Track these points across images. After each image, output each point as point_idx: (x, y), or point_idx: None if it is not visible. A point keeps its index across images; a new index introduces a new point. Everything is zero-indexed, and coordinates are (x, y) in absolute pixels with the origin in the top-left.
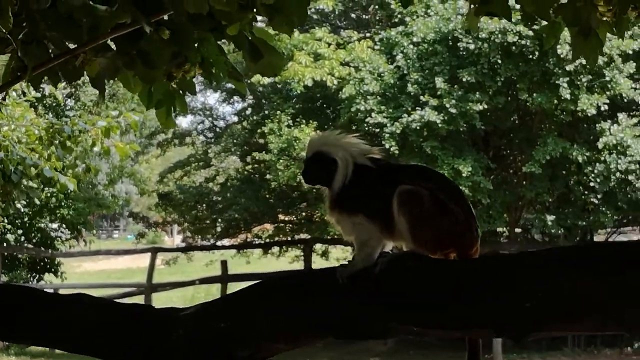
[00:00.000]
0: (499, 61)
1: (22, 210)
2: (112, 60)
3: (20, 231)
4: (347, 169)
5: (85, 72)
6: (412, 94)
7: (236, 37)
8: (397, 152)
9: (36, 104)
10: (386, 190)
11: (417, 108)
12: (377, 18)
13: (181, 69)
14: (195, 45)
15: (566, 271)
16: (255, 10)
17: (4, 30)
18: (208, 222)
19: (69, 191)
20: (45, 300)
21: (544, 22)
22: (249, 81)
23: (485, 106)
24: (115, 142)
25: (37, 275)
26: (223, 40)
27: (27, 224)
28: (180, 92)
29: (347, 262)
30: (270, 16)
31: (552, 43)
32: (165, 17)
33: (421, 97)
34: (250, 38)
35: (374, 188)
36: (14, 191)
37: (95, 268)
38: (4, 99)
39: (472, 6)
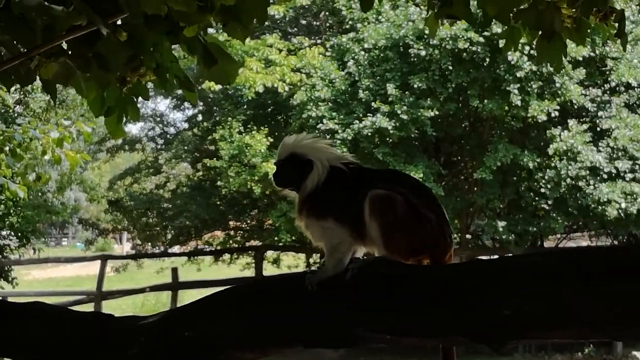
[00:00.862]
0: (450, 68)
1: None
2: (66, 65)
3: None
4: (321, 172)
5: (37, 77)
6: (363, 100)
7: (190, 41)
8: None
9: None
10: (358, 194)
11: (368, 114)
12: (328, 24)
13: (136, 73)
14: (151, 49)
15: (548, 278)
16: (213, 12)
17: None
18: (158, 229)
19: (18, 199)
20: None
21: (498, 29)
22: (200, 87)
23: (437, 112)
24: (66, 151)
25: None
26: (175, 47)
27: None
28: (133, 98)
29: (316, 268)
30: (225, 21)
31: (510, 48)
32: (119, 21)
33: (372, 104)
34: (204, 43)
35: (346, 192)
36: None
37: (43, 276)
38: None
39: (431, 10)
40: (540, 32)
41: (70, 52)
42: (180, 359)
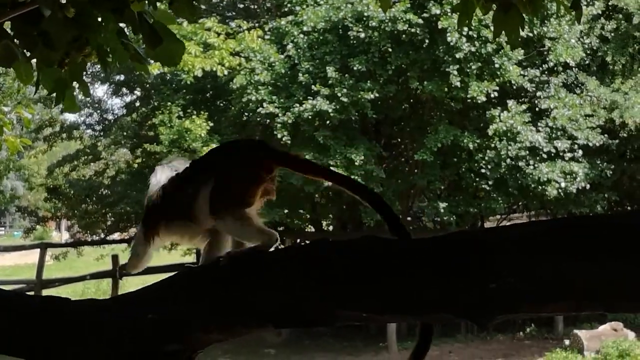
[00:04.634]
0: (390, 50)
1: None
2: (8, 46)
3: None
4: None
5: None
6: (303, 83)
7: (134, 20)
8: (289, 142)
9: None
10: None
11: (308, 97)
12: (267, 8)
13: (81, 53)
14: (96, 28)
15: (535, 248)
16: None
17: None
18: (98, 216)
19: None
20: None
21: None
22: (137, 72)
23: (377, 95)
24: (5, 137)
25: None
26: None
27: None
28: (79, 75)
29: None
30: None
31: (465, 22)
32: None
33: (313, 87)
34: (151, 22)
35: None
36: None
37: None
38: None
39: None
40: (495, 5)
41: (14, 31)
42: (141, 343)
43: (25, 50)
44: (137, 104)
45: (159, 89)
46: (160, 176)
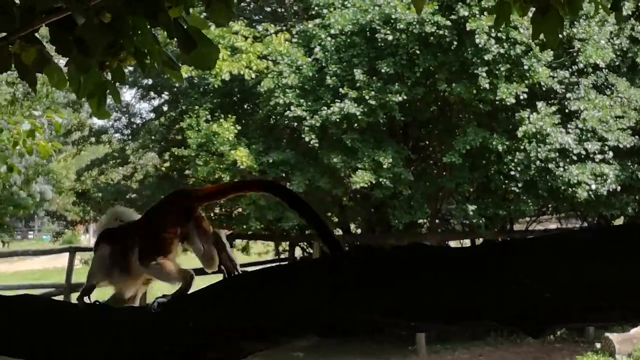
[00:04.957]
0: (417, 52)
1: None
2: (41, 51)
3: None
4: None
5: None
6: (331, 86)
7: (170, 25)
8: (317, 145)
9: None
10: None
11: (336, 100)
12: (294, 11)
13: (116, 58)
14: (131, 33)
15: (586, 256)
16: None
17: None
18: None
19: None
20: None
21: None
22: (166, 76)
23: (404, 97)
24: (37, 141)
25: None
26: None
27: None
28: (112, 82)
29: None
30: (208, 3)
31: (502, 24)
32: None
33: (340, 90)
34: (185, 27)
35: None
36: None
37: (10, 270)
38: None
39: None
40: (533, 6)
41: (50, 37)
42: (183, 351)
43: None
44: (165, 107)
45: (187, 92)
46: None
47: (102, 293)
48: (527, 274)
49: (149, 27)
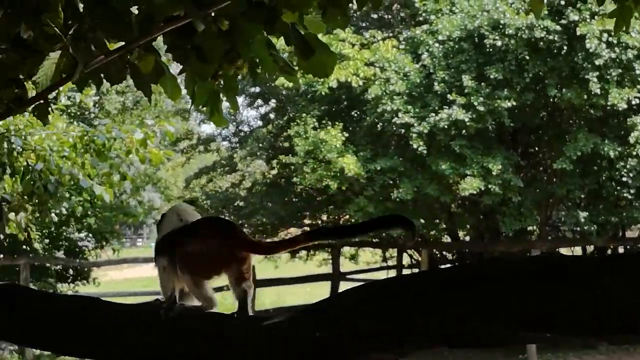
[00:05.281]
0: (527, 57)
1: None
2: (157, 61)
3: (47, 240)
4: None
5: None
6: (439, 92)
7: (287, 31)
8: (424, 152)
9: (68, 112)
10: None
11: (444, 107)
12: (401, 17)
13: (232, 65)
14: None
15: None
16: None
17: (54, 27)
18: None
19: (96, 201)
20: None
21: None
22: (273, 84)
23: (514, 103)
24: (149, 149)
25: (68, 284)
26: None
27: (54, 234)
28: (229, 91)
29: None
30: (324, 9)
31: (622, 27)
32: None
33: (448, 96)
34: (302, 33)
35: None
36: (49, 201)
37: (120, 277)
38: (55, 99)
39: None
40: None
41: (167, 45)
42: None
43: (178, 64)
44: (272, 115)
45: (294, 100)
46: (166, 225)
47: None
48: (612, 280)
49: (265, 34)
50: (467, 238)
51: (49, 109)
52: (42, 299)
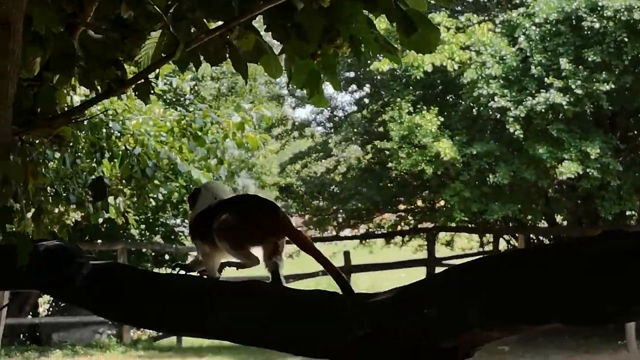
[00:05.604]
0: (625, 39)
1: (147, 205)
2: (257, 41)
3: (143, 226)
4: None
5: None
6: (535, 76)
7: (390, 7)
8: (521, 136)
9: (164, 99)
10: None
11: (541, 90)
12: (497, 0)
13: (332, 44)
14: (348, 18)
15: None
16: None
17: (155, 6)
18: (329, 212)
19: (192, 186)
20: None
21: None
22: (367, 69)
23: (612, 86)
24: (246, 133)
25: (165, 269)
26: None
27: (150, 219)
28: (331, 69)
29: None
30: None
31: None
32: None
33: (545, 79)
34: (404, 10)
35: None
36: (147, 185)
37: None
38: (156, 77)
39: None
40: None
41: (266, 24)
42: (416, 340)
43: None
44: (367, 100)
45: (389, 85)
46: (201, 203)
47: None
48: None
49: (365, 12)
50: (565, 223)
51: (150, 88)
52: (147, 277)
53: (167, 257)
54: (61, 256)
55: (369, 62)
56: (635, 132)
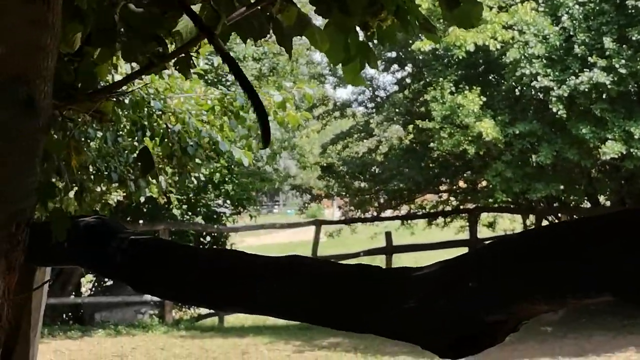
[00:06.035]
0: None
1: (188, 185)
2: (300, 14)
3: (185, 207)
4: None
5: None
6: (579, 55)
7: None
8: (564, 115)
9: (205, 79)
10: None
11: (584, 70)
12: None
13: (377, 18)
14: None
15: None
16: None
17: None
18: (370, 193)
19: (233, 167)
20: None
21: None
22: (409, 48)
23: None
24: (288, 112)
25: None
26: None
27: (192, 200)
28: (370, 45)
29: None
30: None
31: None
32: None
33: (589, 59)
34: None
35: None
36: (189, 163)
37: (257, 243)
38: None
39: None
40: None
41: None
42: (463, 313)
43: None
44: (408, 80)
45: (431, 64)
46: None
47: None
48: None
49: None
50: (608, 203)
51: (191, 63)
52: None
53: (208, 238)
54: (102, 232)
55: (410, 41)
56: None
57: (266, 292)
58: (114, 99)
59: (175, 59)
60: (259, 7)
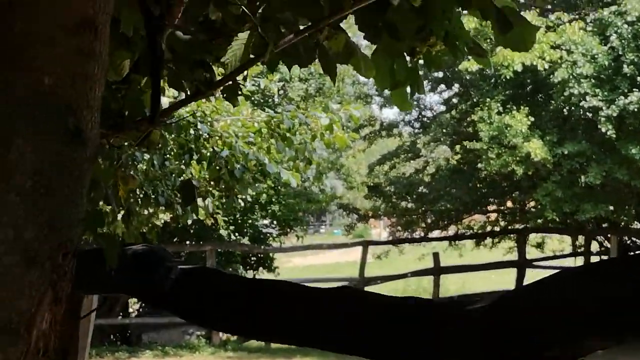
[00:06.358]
0: None
1: (235, 206)
2: (347, 41)
3: (232, 227)
4: None
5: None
6: (628, 75)
7: (485, 5)
8: (614, 136)
9: (251, 99)
10: None
11: (634, 89)
12: None
13: (426, 43)
14: (441, 16)
15: None
16: None
17: (244, 7)
18: (417, 214)
19: (280, 188)
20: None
21: None
22: (456, 69)
23: None
24: (335, 134)
25: (252, 271)
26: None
27: (239, 220)
28: (418, 71)
29: None
30: None
31: None
32: None
33: (638, 78)
34: (498, 7)
35: None
36: (236, 186)
37: (304, 263)
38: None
39: None
40: None
41: (358, 23)
42: (520, 348)
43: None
44: (455, 100)
45: (478, 84)
46: None
47: None
48: None
49: (459, 9)
50: None
51: (238, 90)
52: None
53: (254, 258)
54: (149, 260)
55: (457, 61)
56: None
57: (319, 326)
58: (161, 125)
59: (223, 86)
60: (307, 34)
